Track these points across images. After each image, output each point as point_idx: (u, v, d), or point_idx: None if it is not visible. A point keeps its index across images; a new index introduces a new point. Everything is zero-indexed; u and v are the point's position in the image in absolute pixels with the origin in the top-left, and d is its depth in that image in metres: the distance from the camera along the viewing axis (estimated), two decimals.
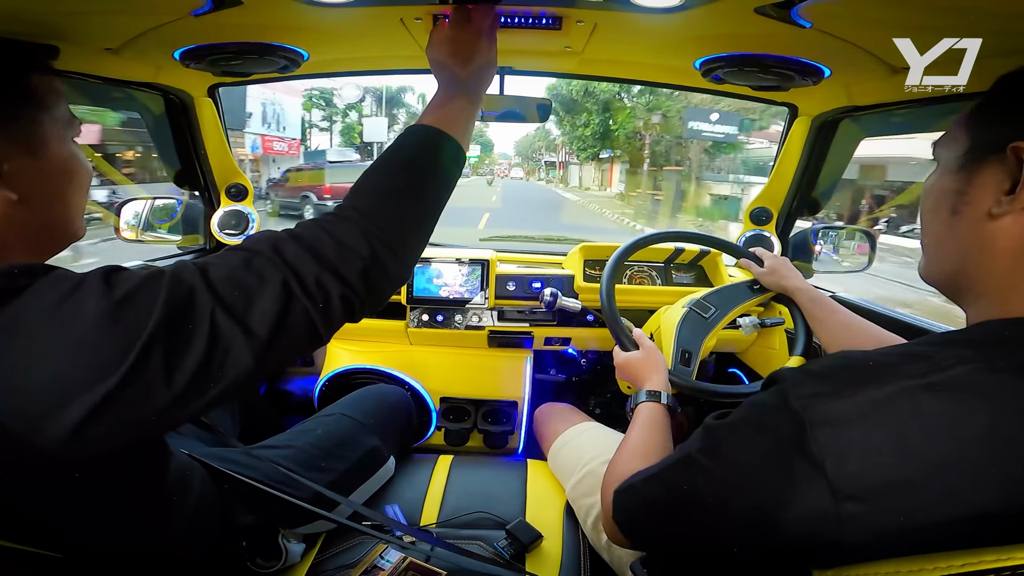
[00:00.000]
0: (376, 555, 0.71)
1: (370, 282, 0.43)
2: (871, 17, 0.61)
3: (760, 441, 0.36)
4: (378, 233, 0.44)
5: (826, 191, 1.23)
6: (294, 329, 0.40)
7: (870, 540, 0.30)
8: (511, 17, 0.74)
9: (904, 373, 0.33)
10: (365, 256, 0.43)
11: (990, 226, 0.36)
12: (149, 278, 0.37)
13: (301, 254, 0.41)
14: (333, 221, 0.44)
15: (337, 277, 0.42)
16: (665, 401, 0.70)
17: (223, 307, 0.37)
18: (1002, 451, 0.29)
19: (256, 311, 0.38)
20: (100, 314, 0.35)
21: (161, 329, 0.35)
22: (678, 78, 1.05)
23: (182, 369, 0.36)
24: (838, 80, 0.85)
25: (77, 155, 0.52)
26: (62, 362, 0.34)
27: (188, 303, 0.37)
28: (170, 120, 1.15)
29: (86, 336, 0.34)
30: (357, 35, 0.88)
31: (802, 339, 0.91)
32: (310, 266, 0.41)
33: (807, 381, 0.35)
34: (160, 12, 0.67)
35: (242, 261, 0.41)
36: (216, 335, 0.37)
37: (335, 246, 0.42)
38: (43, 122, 0.48)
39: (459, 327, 1.23)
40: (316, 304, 0.41)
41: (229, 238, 1.32)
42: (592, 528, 0.79)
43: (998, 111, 0.38)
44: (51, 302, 0.35)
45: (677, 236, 1.03)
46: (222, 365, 0.37)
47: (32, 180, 0.46)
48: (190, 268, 0.39)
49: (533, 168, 48.60)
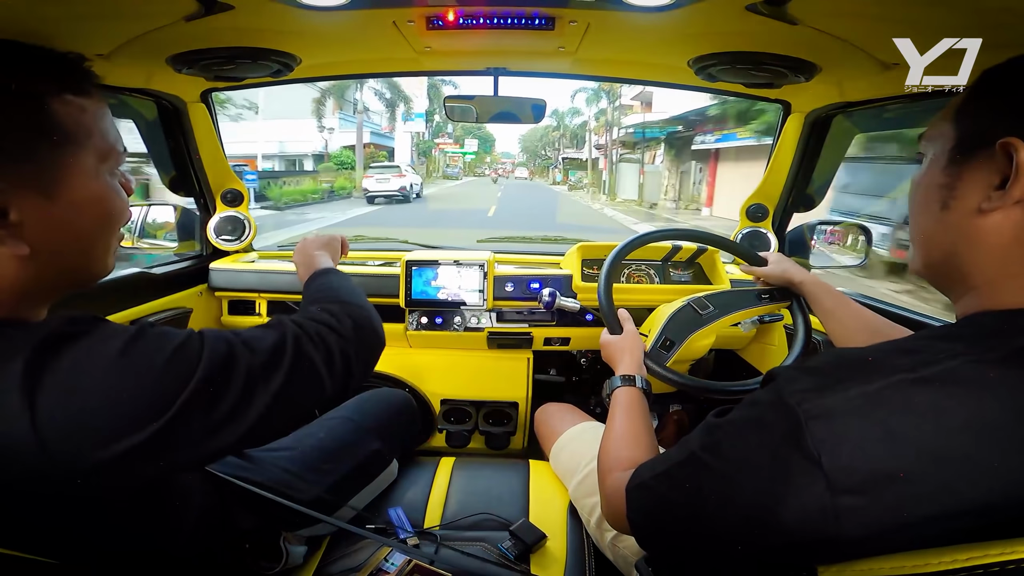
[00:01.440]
0: (381, 558, 0.71)
1: (359, 331, 0.57)
2: (861, 13, 0.61)
3: (758, 437, 0.36)
4: (347, 309, 0.59)
5: (821, 187, 1.24)
6: (305, 381, 0.49)
7: (868, 534, 0.31)
8: (504, 18, 0.74)
9: (895, 367, 0.33)
10: (346, 324, 0.56)
11: (979, 221, 0.36)
12: (192, 337, 0.43)
13: (307, 323, 0.53)
14: (320, 309, 0.58)
15: (337, 333, 0.54)
16: (640, 385, 0.70)
17: (254, 364, 0.44)
18: (993, 443, 0.30)
19: (280, 368, 0.46)
20: (158, 363, 0.39)
21: (203, 381, 0.40)
22: (672, 76, 1.06)
23: (219, 412, 0.41)
24: (830, 76, 0.86)
25: (111, 192, 0.44)
26: (119, 401, 0.37)
27: (228, 358, 0.43)
28: (163, 126, 1.14)
29: (144, 381, 0.38)
30: (350, 38, 0.88)
31: (801, 336, 0.91)
32: (312, 325, 0.53)
33: (801, 377, 0.36)
34: (152, 17, 0.67)
35: (264, 329, 0.50)
36: (249, 387, 0.43)
37: (330, 318, 0.56)
38: (69, 159, 0.40)
39: (458, 329, 1.22)
40: (322, 356, 0.51)
41: (226, 244, 1.31)
42: (596, 527, 0.79)
43: (984, 105, 0.38)
44: (116, 349, 0.38)
45: (675, 234, 1.03)
46: (248, 409, 0.43)
47: (49, 229, 0.40)
48: (225, 333, 0.46)
49: (542, 168, 42.48)
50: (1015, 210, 0.35)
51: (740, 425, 0.38)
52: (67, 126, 0.40)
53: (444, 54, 0.97)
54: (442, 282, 1.20)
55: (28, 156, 0.38)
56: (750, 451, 0.36)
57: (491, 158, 51.80)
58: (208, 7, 0.63)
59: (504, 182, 31.65)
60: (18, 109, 0.38)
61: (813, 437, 0.32)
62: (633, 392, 0.69)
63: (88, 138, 0.42)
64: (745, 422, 0.38)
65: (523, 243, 1.59)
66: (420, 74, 1.17)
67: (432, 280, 1.20)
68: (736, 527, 0.36)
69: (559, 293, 1.16)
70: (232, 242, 1.32)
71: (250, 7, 0.65)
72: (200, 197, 1.29)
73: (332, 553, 0.74)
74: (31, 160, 0.38)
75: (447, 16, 0.75)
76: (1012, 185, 0.34)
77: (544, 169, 43.32)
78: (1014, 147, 0.34)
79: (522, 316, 1.23)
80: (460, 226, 9.39)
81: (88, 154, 0.42)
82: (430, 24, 0.77)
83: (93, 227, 0.43)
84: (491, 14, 0.74)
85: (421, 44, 0.88)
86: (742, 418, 0.38)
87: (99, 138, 0.43)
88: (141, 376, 0.38)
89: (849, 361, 0.36)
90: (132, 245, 1.19)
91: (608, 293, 0.88)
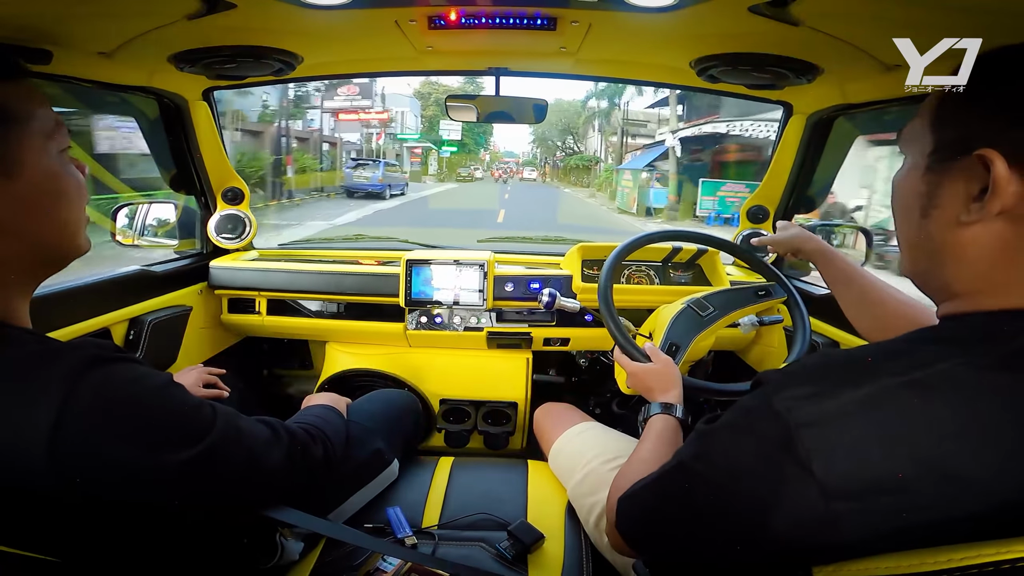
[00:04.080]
0: (379, 556, 0.71)
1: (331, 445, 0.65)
2: (863, 14, 0.61)
3: (748, 444, 0.36)
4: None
5: (822, 189, 1.24)
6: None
7: (864, 539, 0.30)
8: (506, 18, 0.74)
9: (885, 371, 0.33)
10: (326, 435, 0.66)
11: (961, 233, 0.35)
12: (203, 405, 0.48)
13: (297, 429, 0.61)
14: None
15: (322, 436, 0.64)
16: (679, 415, 0.70)
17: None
18: (988, 449, 0.29)
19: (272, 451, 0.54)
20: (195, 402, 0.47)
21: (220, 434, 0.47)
22: (673, 77, 1.06)
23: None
24: (832, 78, 0.86)
25: (64, 169, 0.47)
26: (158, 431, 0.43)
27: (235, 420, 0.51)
28: (165, 124, 1.15)
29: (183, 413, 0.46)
30: (352, 37, 0.88)
31: (800, 337, 0.91)
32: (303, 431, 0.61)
33: (789, 383, 0.35)
34: (153, 16, 0.67)
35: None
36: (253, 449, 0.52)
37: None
38: (14, 139, 0.43)
39: (458, 329, 1.22)
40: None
41: (226, 242, 1.31)
42: (594, 528, 0.79)
43: (962, 110, 0.37)
44: (163, 382, 0.45)
45: (676, 235, 1.03)
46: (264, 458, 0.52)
47: (10, 209, 0.42)
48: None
49: (567, 172, 30.22)
50: (996, 222, 0.34)
51: (730, 432, 0.38)
52: (10, 108, 0.43)
53: (446, 54, 0.97)
54: (442, 282, 1.20)
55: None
56: (741, 459, 0.36)
57: (491, 155, 41.18)
58: (211, 6, 0.63)
59: (504, 187, 24.84)
60: None
61: (804, 445, 0.32)
62: (670, 421, 0.69)
63: (32, 119, 0.45)
64: (735, 429, 0.38)
65: (523, 243, 1.59)
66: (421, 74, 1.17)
67: (432, 280, 1.20)
68: (730, 534, 0.36)
69: (559, 293, 1.16)
70: (232, 240, 1.32)
71: (252, 6, 0.65)
72: (201, 195, 1.30)
73: (330, 551, 0.74)
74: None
75: (449, 16, 0.75)
76: (991, 198, 0.33)
77: (571, 171, 29.41)
78: (990, 160, 0.33)
79: (522, 316, 1.23)
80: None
81: (34, 133, 0.45)
82: (432, 24, 0.77)
83: (52, 203, 0.46)
84: (493, 14, 0.74)
85: (423, 43, 0.88)
86: (732, 426, 0.38)
87: (43, 118, 0.46)
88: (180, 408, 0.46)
89: (837, 365, 0.35)
90: (133, 243, 1.19)
91: (608, 300, 0.87)
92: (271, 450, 0.53)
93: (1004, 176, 0.32)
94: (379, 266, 1.29)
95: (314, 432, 0.63)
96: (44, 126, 0.46)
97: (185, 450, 0.43)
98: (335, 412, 0.77)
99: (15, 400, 0.38)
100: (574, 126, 30.09)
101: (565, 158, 32.29)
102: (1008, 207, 0.33)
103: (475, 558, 0.74)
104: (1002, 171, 0.32)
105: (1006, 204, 0.33)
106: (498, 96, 1.07)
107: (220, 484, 0.48)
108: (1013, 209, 0.33)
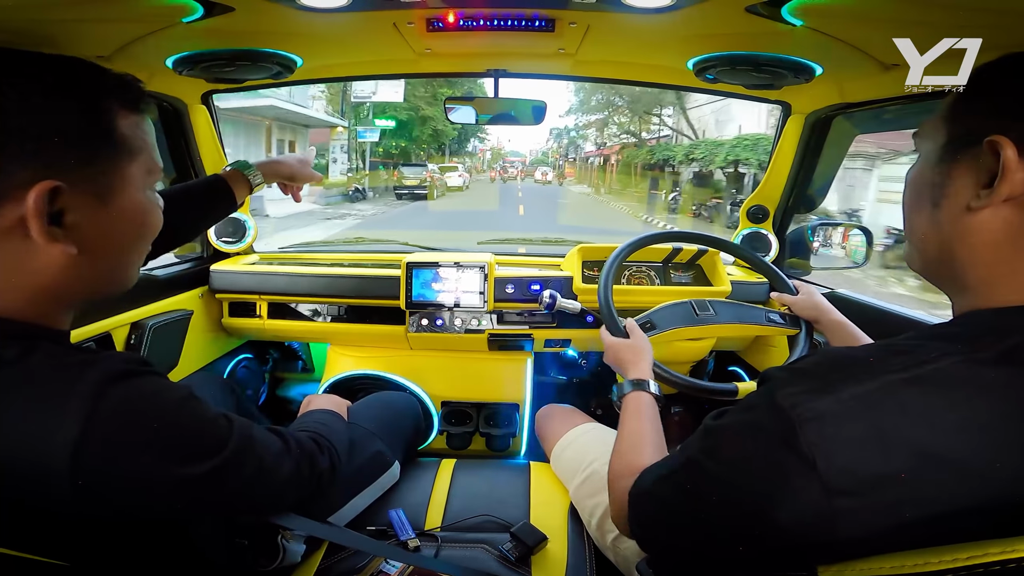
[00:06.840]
0: (382, 559, 0.71)
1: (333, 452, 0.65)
2: (861, 14, 0.61)
3: (753, 440, 0.36)
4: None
5: (822, 188, 1.24)
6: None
7: (866, 535, 0.31)
8: (504, 20, 0.75)
9: (887, 367, 0.33)
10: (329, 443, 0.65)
11: (970, 219, 0.36)
12: (219, 417, 0.49)
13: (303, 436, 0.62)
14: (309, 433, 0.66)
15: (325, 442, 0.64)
16: (652, 390, 0.70)
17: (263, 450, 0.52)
18: (988, 443, 0.29)
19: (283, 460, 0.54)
20: (212, 414, 0.47)
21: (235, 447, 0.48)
22: (672, 78, 1.06)
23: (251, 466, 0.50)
24: (830, 77, 0.86)
25: (152, 205, 0.48)
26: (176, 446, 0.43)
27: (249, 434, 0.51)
28: (164, 128, 1.14)
29: (203, 430, 0.46)
30: (350, 40, 0.88)
31: (802, 338, 0.91)
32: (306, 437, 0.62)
33: (793, 379, 0.35)
34: (151, 20, 0.67)
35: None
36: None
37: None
38: (124, 168, 0.44)
39: (459, 331, 1.22)
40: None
41: (227, 246, 1.31)
42: (597, 528, 0.79)
43: (973, 104, 0.38)
44: (182, 395, 0.45)
45: (678, 236, 1.02)
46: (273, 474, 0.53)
47: (98, 233, 0.43)
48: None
49: (604, 175, 20.93)
50: (1004, 208, 0.35)
51: (737, 428, 0.38)
52: (127, 138, 0.44)
53: (444, 56, 0.97)
54: (443, 284, 1.20)
55: (90, 161, 0.42)
56: (746, 454, 0.36)
57: (492, 152, 35.75)
58: (208, 9, 0.63)
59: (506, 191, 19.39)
60: (89, 120, 0.42)
61: (807, 440, 0.32)
62: (643, 397, 0.69)
63: (141, 151, 0.46)
64: (741, 425, 0.38)
65: (524, 244, 1.59)
66: (420, 76, 1.17)
67: (432, 282, 1.19)
68: (735, 529, 0.36)
69: (560, 295, 1.16)
70: (233, 244, 1.32)
71: (250, 9, 0.65)
72: None
73: (333, 554, 0.74)
74: (92, 165, 0.42)
75: (447, 18, 0.75)
76: (999, 183, 0.34)
77: (609, 169, 20.27)
78: (1000, 145, 0.34)
79: (523, 318, 1.23)
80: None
81: (139, 166, 0.46)
82: (430, 26, 0.77)
83: (133, 236, 0.47)
84: (491, 16, 0.74)
85: (421, 46, 0.88)
86: (738, 421, 0.39)
87: (149, 153, 0.47)
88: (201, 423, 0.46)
89: (841, 362, 0.36)
90: None
91: (607, 291, 0.88)
92: (282, 461, 0.53)
93: (1014, 161, 0.33)
94: (379, 269, 1.29)
95: (321, 442, 0.63)
96: (149, 161, 0.47)
97: (203, 463, 0.44)
98: (337, 417, 0.77)
99: (39, 412, 0.38)
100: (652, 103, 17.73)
101: (624, 148, 21.13)
102: (1017, 193, 0.34)
103: (478, 560, 0.74)
104: (1012, 156, 0.33)
105: (1015, 190, 0.34)
106: (497, 98, 1.07)
107: (232, 496, 0.48)
108: (1022, 195, 0.34)
